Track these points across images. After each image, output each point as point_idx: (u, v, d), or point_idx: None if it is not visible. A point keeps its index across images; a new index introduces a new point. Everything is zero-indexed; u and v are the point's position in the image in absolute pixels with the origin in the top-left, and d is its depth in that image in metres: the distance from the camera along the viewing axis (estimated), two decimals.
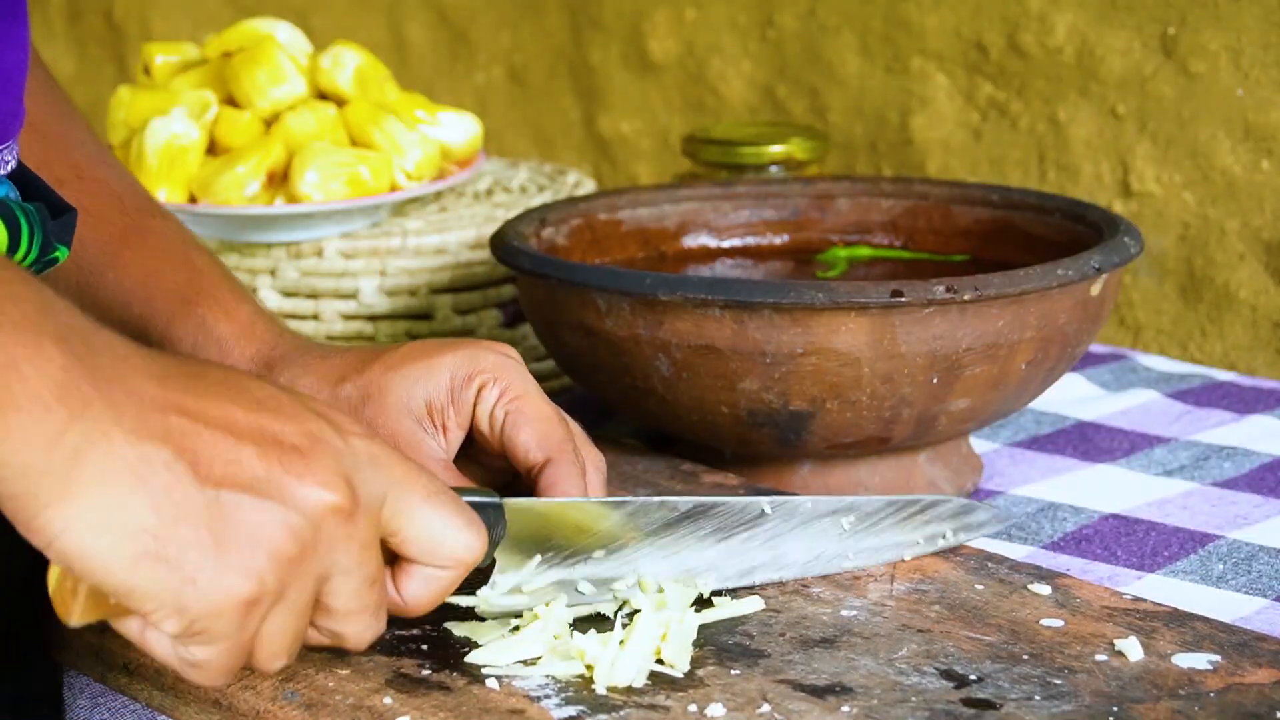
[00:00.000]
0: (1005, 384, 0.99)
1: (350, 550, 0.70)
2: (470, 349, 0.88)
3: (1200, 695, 0.76)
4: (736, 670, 0.78)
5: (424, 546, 0.73)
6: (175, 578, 0.66)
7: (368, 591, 0.71)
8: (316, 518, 0.68)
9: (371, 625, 0.73)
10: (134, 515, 0.65)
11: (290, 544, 0.68)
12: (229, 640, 0.68)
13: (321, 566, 0.69)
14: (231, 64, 1.27)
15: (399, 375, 0.87)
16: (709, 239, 1.18)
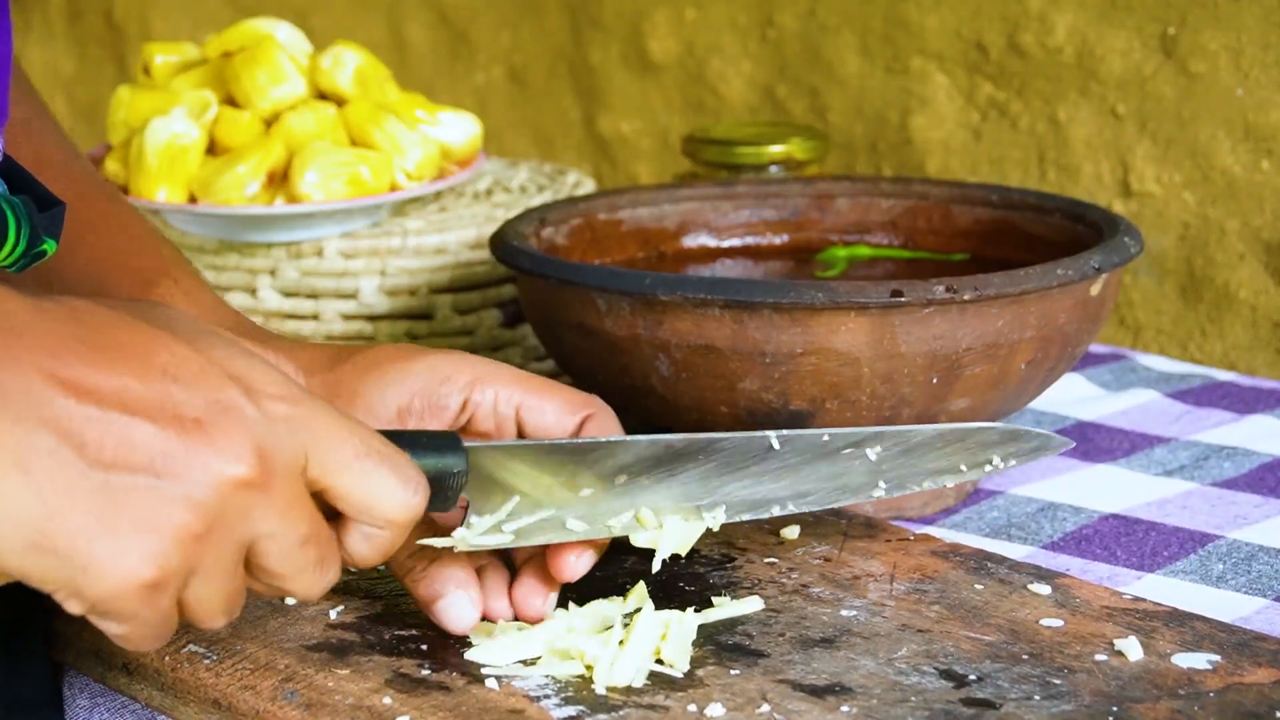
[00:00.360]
0: (1005, 384, 0.99)
1: (269, 517, 0.68)
2: (447, 355, 0.85)
3: (1200, 695, 0.76)
4: (736, 670, 0.78)
5: (357, 505, 0.71)
6: (67, 567, 0.64)
7: (300, 552, 0.69)
8: (222, 491, 0.66)
9: (316, 581, 0.71)
10: (19, 505, 0.64)
11: (194, 521, 0.66)
12: (139, 618, 0.66)
13: (238, 535, 0.67)
14: (231, 64, 1.27)
15: (369, 378, 0.84)
16: (709, 239, 1.18)
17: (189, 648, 0.81)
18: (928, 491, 1.04)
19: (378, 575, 0.88)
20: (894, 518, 1.03)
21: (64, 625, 0.87)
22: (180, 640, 0.82)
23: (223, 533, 0.67)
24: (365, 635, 0.82)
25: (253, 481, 0.67)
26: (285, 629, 0.82)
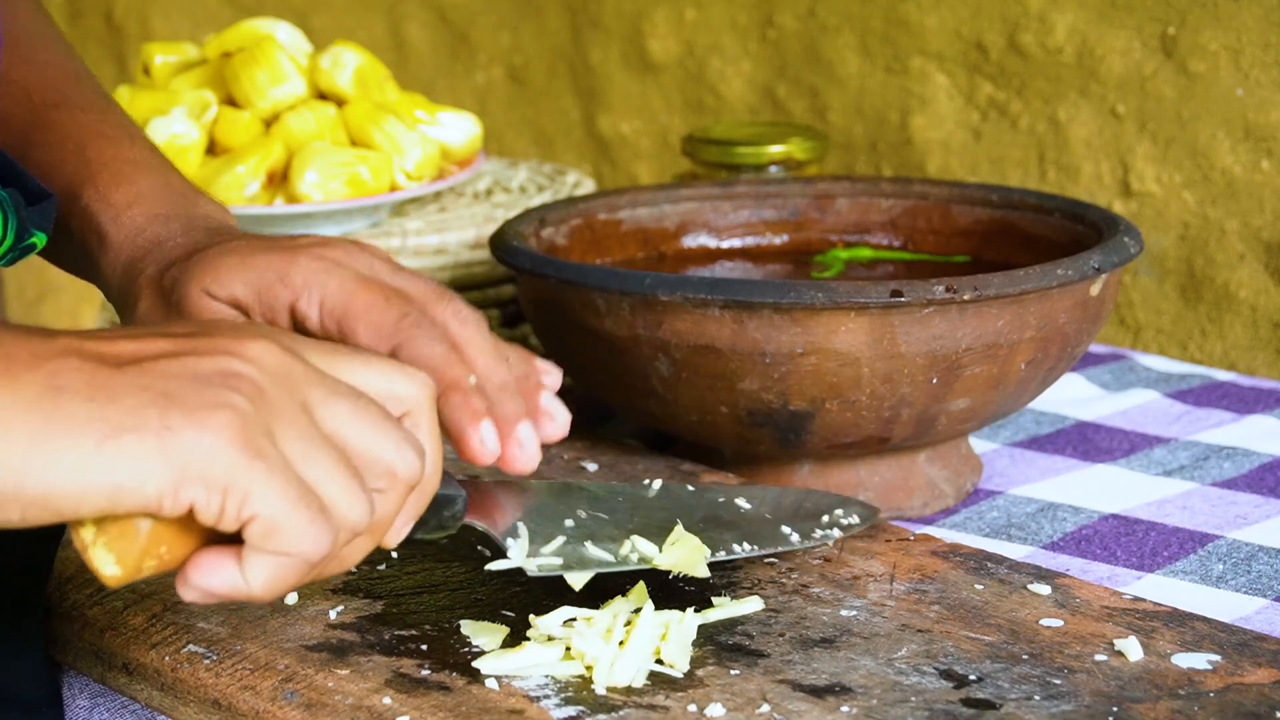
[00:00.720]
0: (1005, 384, 0.99)
1: (307, 373, 0.67)
2: (286, 254, 0.81)
3: (1200, 695, 0.76)
4: (736, 670, 0.78)
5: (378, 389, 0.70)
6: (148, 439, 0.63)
7: (361, 407, 0.68)
8: (253, 356, 0.66)
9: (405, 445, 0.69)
10: (68, 417, 0.63)
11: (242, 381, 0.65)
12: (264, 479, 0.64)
13: (297, 398, 0.66)
14: (231, 64, 1.27)
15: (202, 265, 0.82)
16: (709, 239, 1.18)
17: (189, 648, 0.81)
18: (927, 491, 1.04)
19: (378, 576, 0.88)
20: (894, 518, 1.03)
21: (64, 625, 0.87)
22: (180, 640, 0.82)
23: (278, 394, 0.66)
24: (365, 635, 0.82)
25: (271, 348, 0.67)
26: (285, 629, 0.82)
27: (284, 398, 0.66)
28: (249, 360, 0.66)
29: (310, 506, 0.66)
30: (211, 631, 0.82)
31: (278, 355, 0.67)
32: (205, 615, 0.84)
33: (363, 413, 0.68)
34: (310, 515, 0.65)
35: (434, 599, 0.85)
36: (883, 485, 1.03)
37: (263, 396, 0.66)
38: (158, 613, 0.84)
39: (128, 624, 0.84)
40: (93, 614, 0.85)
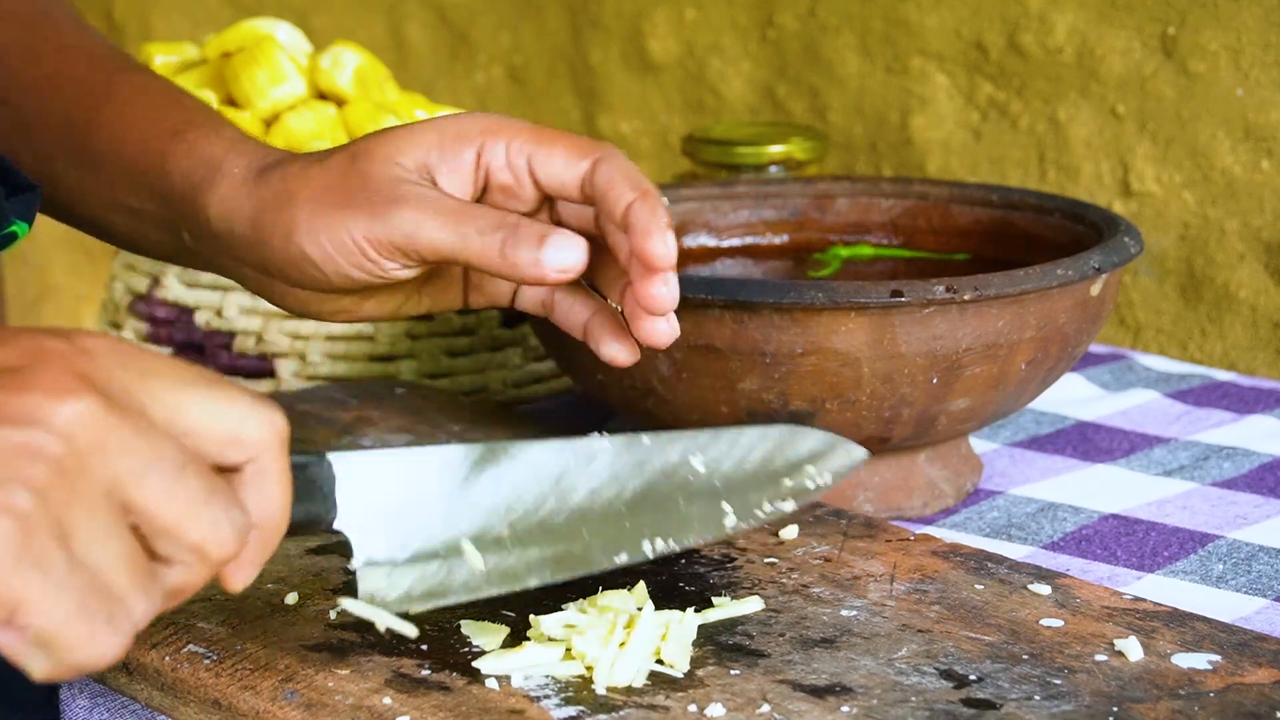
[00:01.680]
0: (1005, 384, 0.99)
1: (126, 446, 0.60)
2: (456, 114, 0.86)
3: (1200, 695, 0.76)
4: (736, 670, 0.78)
5: (220, 433, 0.64)
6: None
7: (182, 481, 0.62)
8: (62, 426, 0.59)
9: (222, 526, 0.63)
10: None
11: (39, 465, 0.59)
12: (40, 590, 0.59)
13: (102, 477, 0.60)
14: (231, 64, 1.27)
15: (384, 137, 0.84)
16: (708, 239, 1.18)
17: (189, 648, 0.81)
18: (927, 491, 1.04)
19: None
20: (894, 517, 1.03)
21: None
22: (180, 640, 0.82)
23: (82, 476, 0.60)
24: (365, 635, 0.82)
25: (89, 406, 0.60)
26: (285, 629, 0.82)
27: (86, 480, 0.60)
28: (57, 432, 0.60)
29: (92, 616, 0.60)
30: (211, 631, 0.82)
31: (94, 421, 0.60)
32: (205, 615, 0.84)
33: (179, 486, 0.62)
34: (90, 627, 0.60)
35: None
36: (883, 485, 1.03)
37: (61, 481, 0.59)
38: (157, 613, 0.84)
39: None
40: None
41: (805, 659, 0.79)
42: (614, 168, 0.83)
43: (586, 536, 0.79)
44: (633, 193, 0.82)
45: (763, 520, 0.84)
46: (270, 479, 0.66)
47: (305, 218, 0.84)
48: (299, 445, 1.04)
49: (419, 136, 0.84)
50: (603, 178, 0.83)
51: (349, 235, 0.83)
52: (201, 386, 0.64)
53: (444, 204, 0.83)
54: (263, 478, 0.66)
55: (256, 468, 0.66)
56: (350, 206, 0.83)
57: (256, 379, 1.21)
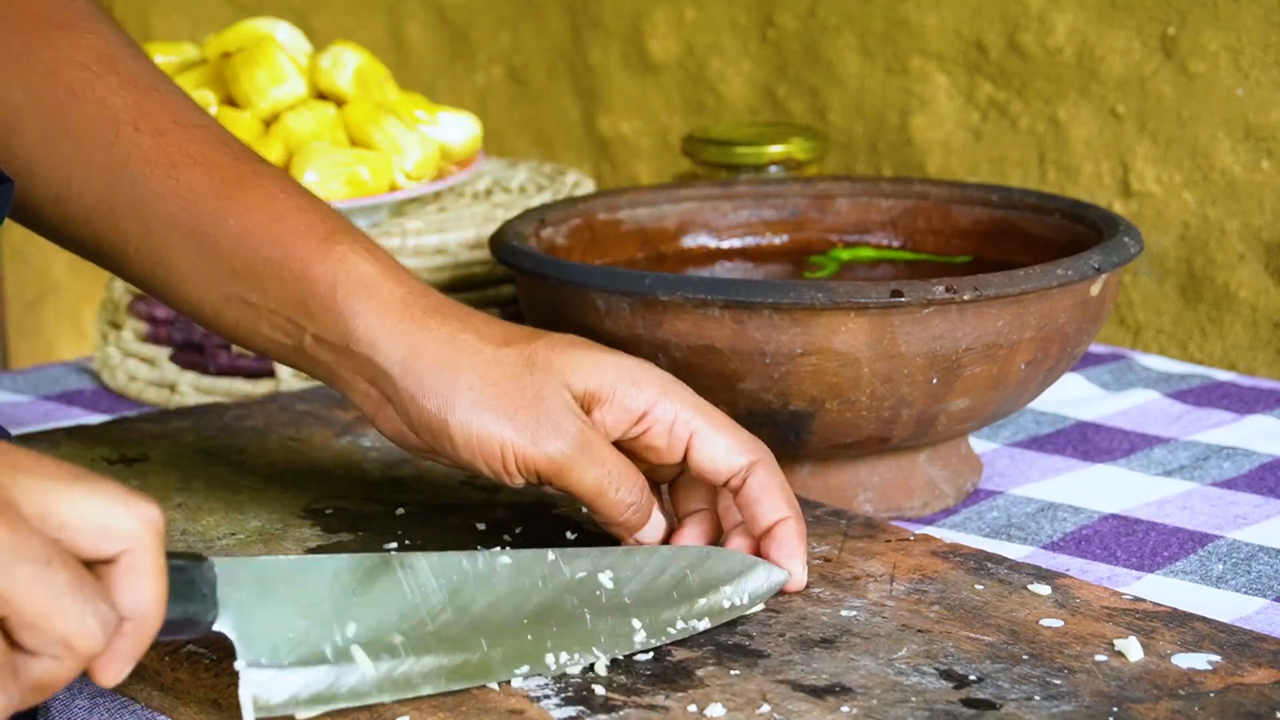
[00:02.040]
0: (1005, 384, 0.99)
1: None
2: (640, 361, 0.87)
3: (1200, 695, 0.76)
4: (736, 670, 0.78)
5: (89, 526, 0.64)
6: None
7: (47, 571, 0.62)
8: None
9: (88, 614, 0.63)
10: None
11: None
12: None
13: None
14: (231, 64, 1.27)
15: (565, 355, 0.85)
16: (708, 239, 1.18)
17: (189, 648, 0.81)
18: (927, 491, 1.04)
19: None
20: (894, 518, 1.03)
21: None
22: (180, 640, 0.82)
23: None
24: None
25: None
26: None
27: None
28: None
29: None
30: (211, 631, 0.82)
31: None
32: None
33: (45, 579, 0.62)
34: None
35: None
36: (883, 485, 1.03)
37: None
38: None
39: None
40: None
41: (805, 659, 0.79)
42: (770, 476, 0.85)
43: (485, 647, 0.77)
44: (786, 511, 0.85)
45: (675, 637, 0.81)
46: (143, 572, 0.65)
47: (466, 402, 0.83)
48: (295, 443, 1.04)
49: (599, 367, 0.85)
50: (758, 484, 0.85)
51: (500, 442, 0.83)
52: (71, 481, 0.64)
53: (601, 450, 0.84)
54: (135, 571, 0.65)
55: (130, 561, 0.65)
56: (515, 418, 0.83)
57: (256, 379, 1.21)
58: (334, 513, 0.95)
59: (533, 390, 0.84)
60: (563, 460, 0.83)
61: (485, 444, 0.83)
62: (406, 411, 0.85)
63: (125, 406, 1.24)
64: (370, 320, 0.85)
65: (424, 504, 0.96)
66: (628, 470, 0.85)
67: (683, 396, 0.86)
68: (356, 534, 0.93)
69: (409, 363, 0.84)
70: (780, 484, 0.86)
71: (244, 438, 1.06)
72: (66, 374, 1.31)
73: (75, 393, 1.27)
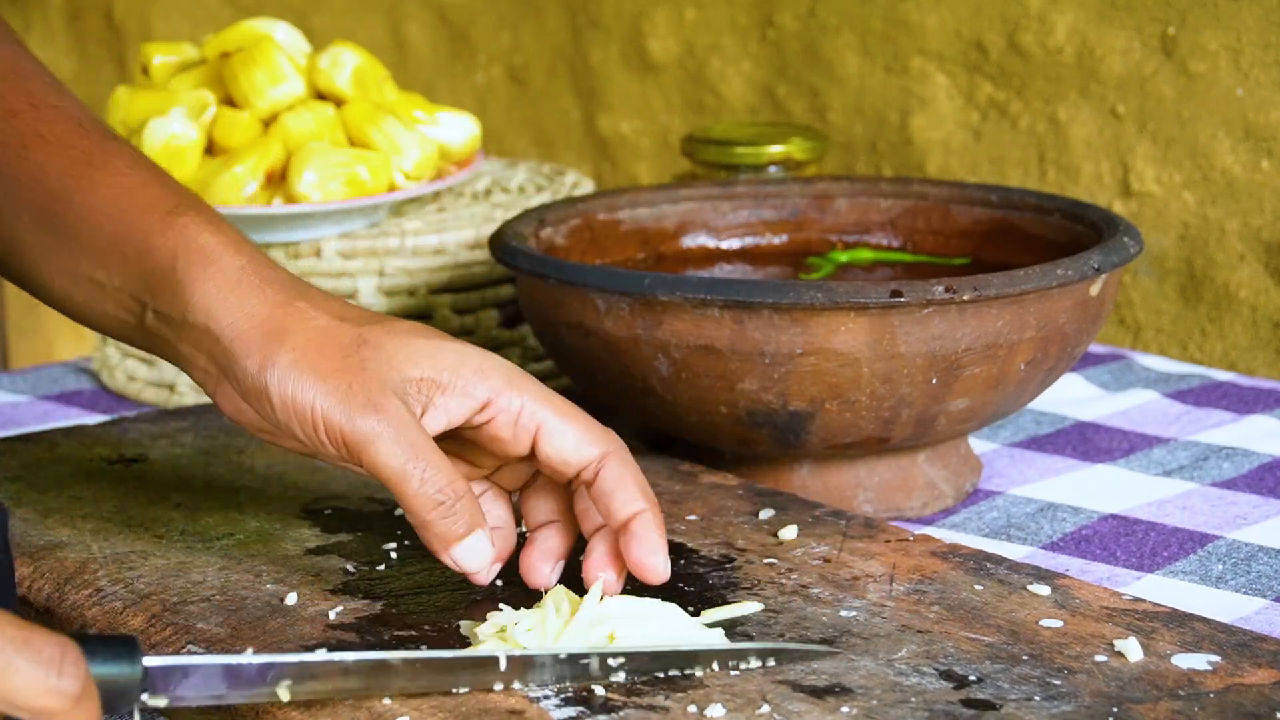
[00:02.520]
0: (1004, 384, 0.99)
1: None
2: (482, 351, 0.84)
3: (1200, 695, 0.76)
4: (736, 670, 0.78)
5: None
6: None
7: None
8: None
9: None
10: None
11: None
12: None
13: None
14: (230, 64, 1.27)
15: (400, 340, 0.83)
16: (708, 239, 1.18)
17: (189, 648, 0.81)
18: (926, 491, 1.03)
19: (377, 576, 0.88)
20: (893, 518, 1.02)
21: (63, 626, 0.87)
22: (180, 640, 0.82)
23: None
24: (365, 636, 0.82)
25: None
26: (285, 629, 0.82)
27: None
28: None
29: None
30: (211, 632, 0.82)
31: None
32: (205, 615, 0.83)
33: None
34: None
35: (433, 599, 0.85)
36: (882, 485, 1.03)
37: None
38: (157, 613, 0.84)
39: (127, 624, 0.84)
40: (92, 615, 0.85)
41: (805, 659, 0.79)
42: (624, 467, 0.83)
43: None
44: (641, 503, 0.82)
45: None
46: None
47: (286, 361, 0.82)
48: None
49: (440, 354, 0.83)
50: (612, 476, 0.83)
51: (311, 403, 0.81)
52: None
53: (414, 435, 0.81)
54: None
55: None
56: (330, 380, 0.81)
57: None
58: (333, 513, 0.95)
59: (357, 361, 0.82)
60: (368, 434, 0.80)
61: (299, 404, 0.81)
62: (236, 378, 0.83)
63: (124, 406, 1.24)
64: (207, 289, 0.84)
65: None
66: (441, 466, 0.81)
67: (530, 388, 0.83)
68: (355, 534, 0.93)
69: (240, 327, 0.83)
70: (634, 475, 0.83)
71: (243, 438, 1.06)
72: (66, 374, 1.31)
73: (74, 393, 1.27)
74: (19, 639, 0.65)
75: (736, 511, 0.96)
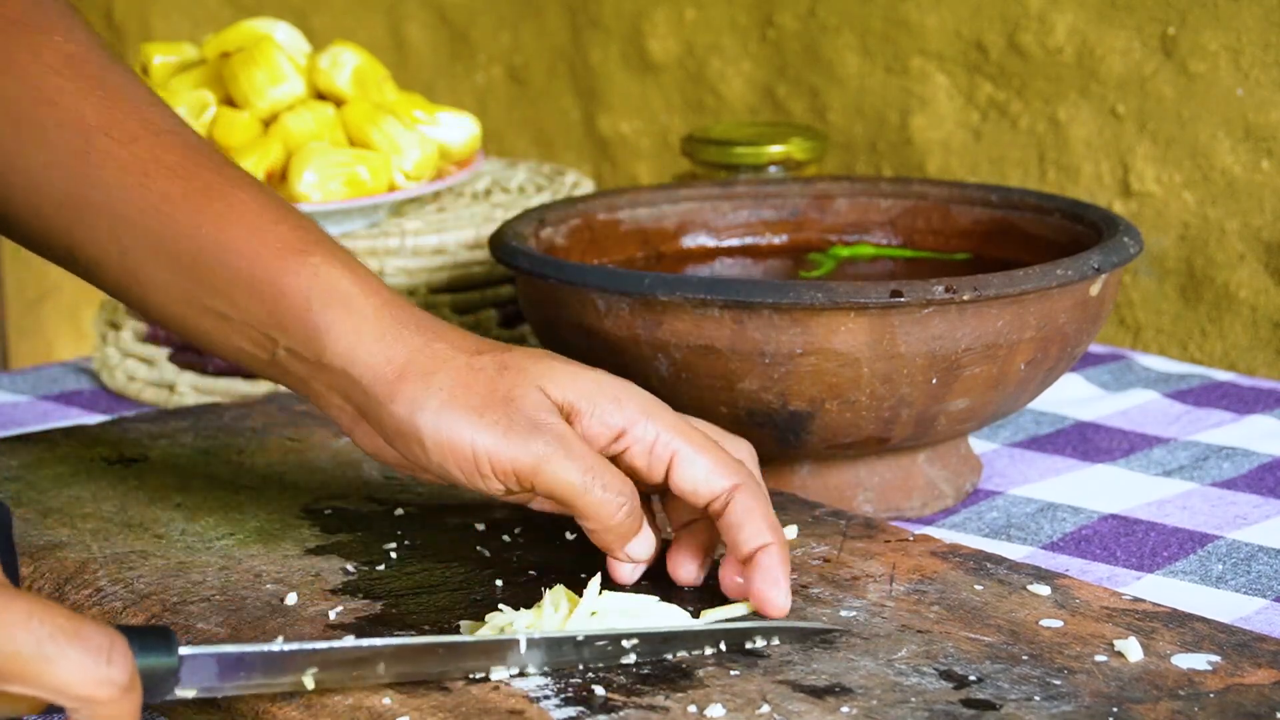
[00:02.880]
0: (1004, 384, 0.99)
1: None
2: (616, 378, 0.85)
3: (1200, 696, 0.76)
4: (736, 670, 0.78)
5: (53, 693, 0.66)
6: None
7: None
8: None
9: None
10: None
11: None
12: None
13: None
14: (230, 64, 1.27)
15: (539, 364, 0.84)
16: (708, 239, 1.18)
17: None
18: (926, 491, 1.03)
19: (377, 576, 0.88)
20: (893, 518, 1.02)
21: None
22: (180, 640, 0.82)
23: None
24: (365, 636, 0.82)
25: None
26: (284, 630, 0.82)
27: None
28: None
29: None
30: (211, 632, 0.82)
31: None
32: (205, 616, 0.83)
33: None
34: None
35: (433, 599, 0.85)
36: (882, 485, 1.03)
37: None
38: (157, 613, 0.84)
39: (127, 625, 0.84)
40: (92, 615, 0.85)
41: (805, 659, 0.79)
42: (753, 500, 0.83)
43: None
44: (769, 537, 0.83)
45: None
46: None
47: (435, 404, 0.82)
48: (294, 443, 1.04)
49: (577, 379, 0.84)
50: (741, 508, 0.83)
51: (472, 445, 0.82)
52: (42, 642, 0.66)
53: (581, 447, 0.82)
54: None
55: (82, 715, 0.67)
56: (485, 416, 0.82)
57: (255, 379, 1.21)
58: (333, 513, 0.95)
59: (504, 390, 0.82)
60: (539, 456, 0.81)
61: (456, 445, 0.82)
62: (380, 421, 0.83)
63: (124, 406, 1.24)
64: (344, 334, 0.84)
65: (423, 504, 0.96)
66: (612, 471, 0.83)
67: (664, 417, 0.84)
68: (355, 534, 0.93)
69: (382, 372, 0.83)
70: (763, 508, 0.84)
71: (243, 438, 1.05)
72: (66, 374, 1.31)
73: (74, 393, 1.27)
74: (69, 629, 0.66)
75: None
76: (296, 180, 1.20)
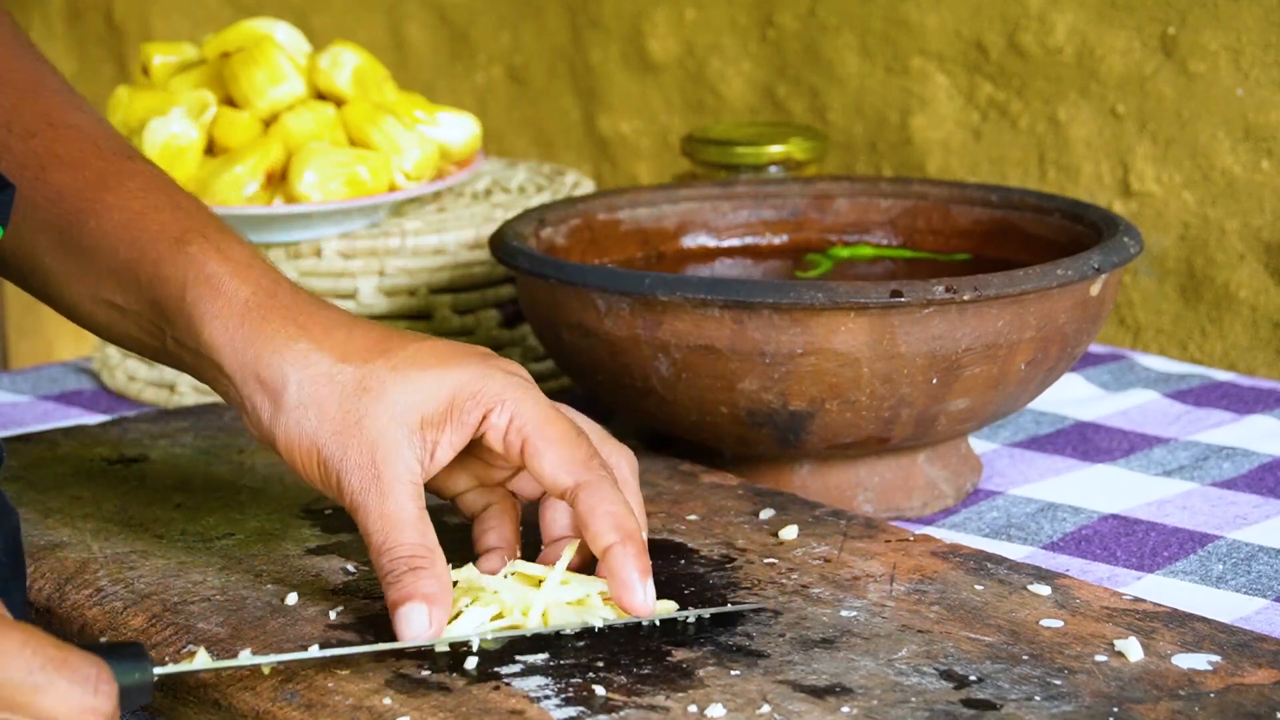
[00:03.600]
0: (1005, 384, 0.99)
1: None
2: (479, 367, 0.83)
3: (1200, 695, 0.76)
4: (736, 671, 0.78)
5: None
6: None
7: None
8: None
9: None
10: None
11: None
12: None
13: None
14: (230, 64, 1.27)
15: (400, 378, 0.82)
16: (708, 239, 1.18)
17: (189, 648, 0.81)
18: (927, 491, 1.03)
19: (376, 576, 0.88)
20: (893, 518, 1.02)
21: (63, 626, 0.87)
22: (180, 640, 0.82)
23: None
24: (365, 636, 0.82)
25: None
26: (285, 629, 0.82)
27: None
28: None
29: None
30: (211, 632, 0.82)
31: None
32: (205, 615, 0.83)
33: None
34: None
35: None
36: (882, 485, 1.03)
37: None
38: (157, 613, 0.84)
39: (127, 624, 0.84)
40: (92, 615, 0.85)
41: (805, 659, 0.79)
42: (597, 500, 0.81)
43: None
44: (614, 534, 0.81)
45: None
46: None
47: (286, 420, 0.82)
48: None
49: (436, 390, 0.82)
50: (584, 508, 0.82)
51: (316, 462, 0.82)
52: (33, 671, 0.66)
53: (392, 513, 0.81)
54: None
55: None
56: (331, 444, 0.82)
57: None
58: (333, 513, 0.95)
59: (356, 416, 0.82)
60: (357, 504, 0.81)
61: (303, 459, 0.82)
62: (247, 414, 0.84)
63: (124, 406, 1.24)
64: (214, 324, 0.84)
65: None
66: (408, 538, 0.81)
67: (523, 402, 0.83)
68: (355, 534, 0.92)
69: (246, 370, 0.83)
70: (608, 506, 0.81)
71: (243, 438, 1.05)
72: (66, 374, 1.31)
73: (74, 393, 1.27)
74: (59, 659, 0.67)
75: (737, 511, 0.96)
76: (297, 180, 1.20)
